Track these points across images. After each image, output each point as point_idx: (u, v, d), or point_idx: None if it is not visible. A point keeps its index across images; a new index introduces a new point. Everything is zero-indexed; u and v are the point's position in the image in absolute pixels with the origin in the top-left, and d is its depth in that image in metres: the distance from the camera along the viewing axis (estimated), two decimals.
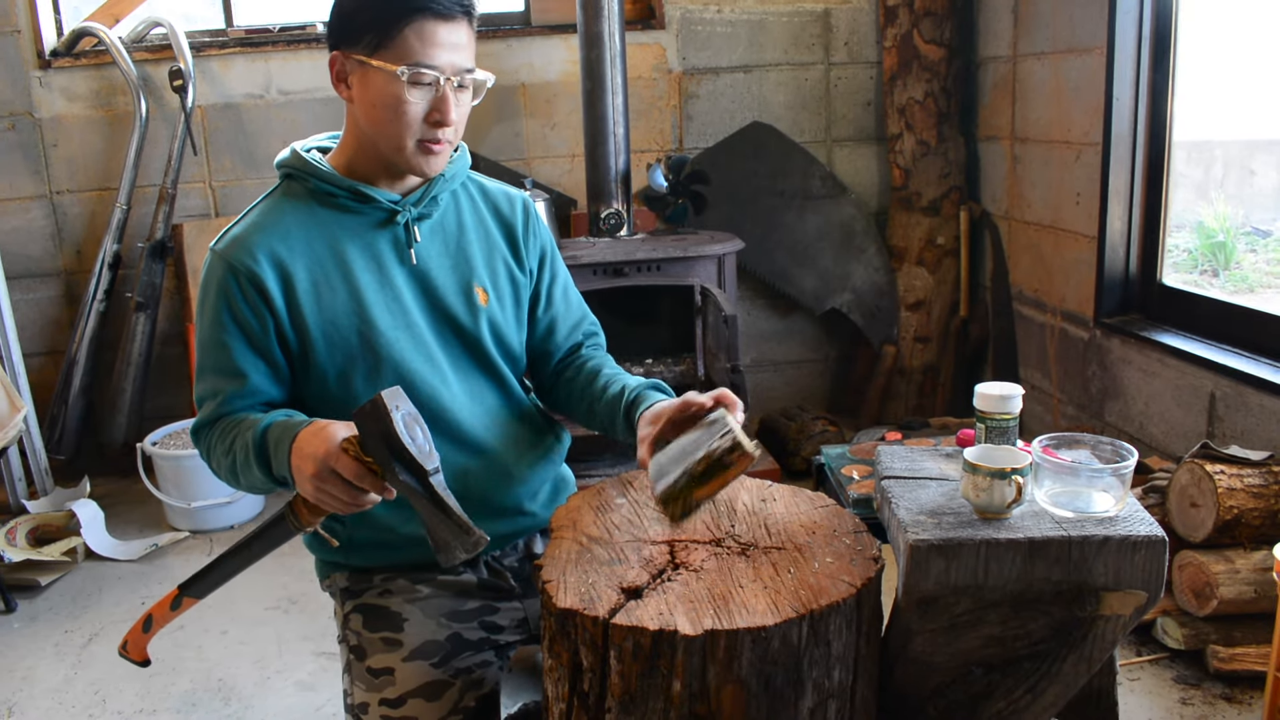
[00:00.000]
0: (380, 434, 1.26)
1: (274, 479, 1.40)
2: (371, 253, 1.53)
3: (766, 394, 3.59)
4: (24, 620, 2.40)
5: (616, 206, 2.96)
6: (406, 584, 1.54)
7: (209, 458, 1.51)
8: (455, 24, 1.43)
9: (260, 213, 1.53)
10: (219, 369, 1.50)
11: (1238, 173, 4.06)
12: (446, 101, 1.44)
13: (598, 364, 1.68)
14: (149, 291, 3.18)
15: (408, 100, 1.42)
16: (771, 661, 1.19)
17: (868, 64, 3.44)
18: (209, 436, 1.50)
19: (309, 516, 1.40)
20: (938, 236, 3.39)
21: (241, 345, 1.49)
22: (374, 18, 1.41)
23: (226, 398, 1.49)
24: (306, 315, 1.49)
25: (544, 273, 1.70)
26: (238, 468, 1.43)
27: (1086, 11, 2.68)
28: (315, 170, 1.51)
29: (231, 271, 1.47)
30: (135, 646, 1.57)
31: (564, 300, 1.73)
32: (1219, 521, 1.93)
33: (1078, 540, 1.24)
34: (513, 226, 1.65)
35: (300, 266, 1.49)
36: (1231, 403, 2.27)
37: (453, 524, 1.29)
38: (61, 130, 3.22)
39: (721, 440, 1.31)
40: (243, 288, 1.47)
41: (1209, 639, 1.98)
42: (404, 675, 1.48)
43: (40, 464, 3.02)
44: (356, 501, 1.31)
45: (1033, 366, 3.15)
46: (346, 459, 1.28)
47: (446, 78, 1.43)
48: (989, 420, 1.43)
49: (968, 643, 1.31)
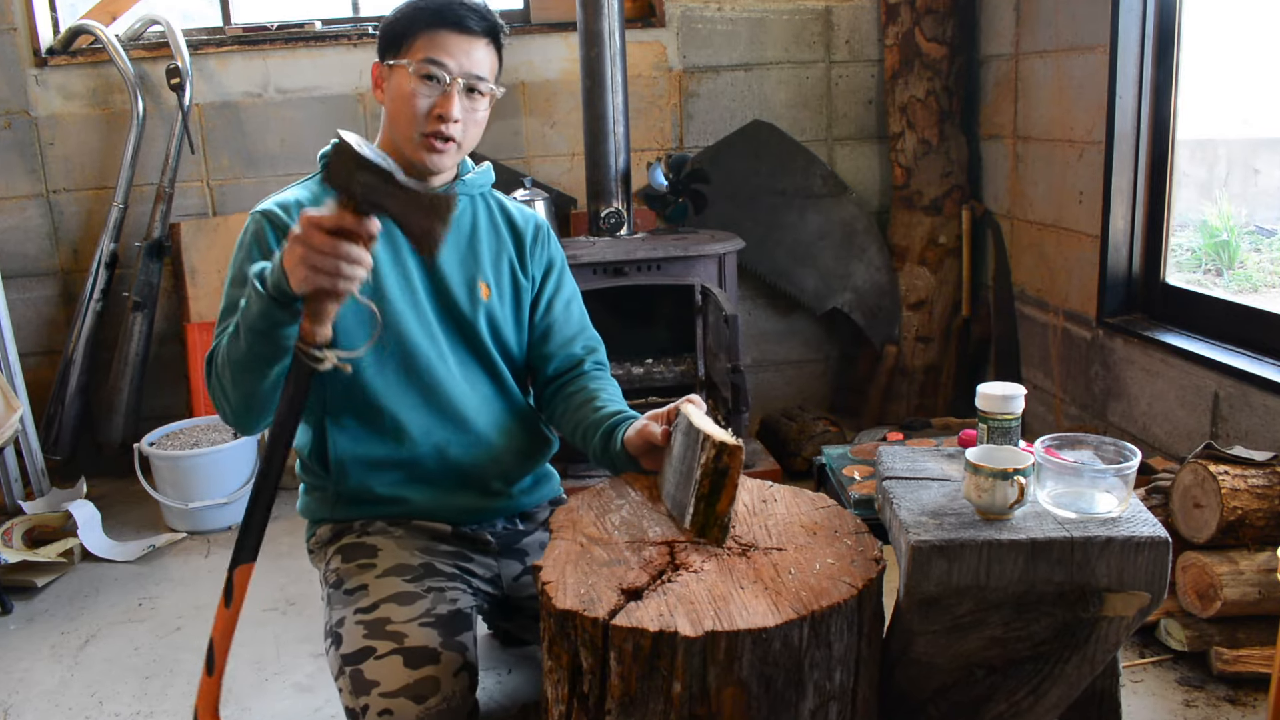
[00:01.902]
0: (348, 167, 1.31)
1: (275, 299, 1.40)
2: (392, 238, 1.63)
3: (767, 394, 3.57)
4: (20, 622, 2.39)
5: (616, 205, 2.95)
6: (384, 525, 1.64)
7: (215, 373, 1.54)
8: (474, 39, 1.59)
9: (303, 188, 1.67)
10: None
11: (1241, 172, 4.05)
12: (451, 100, 1.57)
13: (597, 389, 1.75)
14: (146, 291, 3.17)
15: (417, 93, 1.57)
16: (772, 663, 1.18)
17: (869, 62, 3.43)
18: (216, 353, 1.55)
19: (314, 329, 1.39)
20: (939, 236, 3.38)
21: None
22: (402, 28, 1.60)
23: None
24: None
25: (547, 282, 1.80)
26: (241, 334, 1.44)
27: (1089, 9, 2.67)
28: None
29: (271, 224, 1.58)
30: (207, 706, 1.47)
31: (564, 312, 1.81)
32: (1222, 522, 1.92)
33: (1080, 541, 1.23)
34: (523, 236, 1.77)
35: None
36: (1235, 403, 2.26)
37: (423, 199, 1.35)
38: (58, 129, 3.21)
39: (705, 450, 1.32)
40: (279, 240, 1.56)
41: (1212, 640, 1.97)
42: (377, 588, 1.55)
43: (37, 464, 3.01)
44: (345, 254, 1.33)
45: (1035, 366, 3.14)
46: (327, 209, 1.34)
47: (454, 78, 1.57)
48: (991, 420, 1.42)
49: (970, 644, 1.30)
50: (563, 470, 2.94)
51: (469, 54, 1.59)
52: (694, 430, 1.38)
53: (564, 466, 2.95)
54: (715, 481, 1.32)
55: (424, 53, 1.57)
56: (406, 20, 1.60)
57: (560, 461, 2.92)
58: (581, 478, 2.93)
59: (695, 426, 1.38)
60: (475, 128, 1.64)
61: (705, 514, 1.34)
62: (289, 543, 2.75)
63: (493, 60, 1.64)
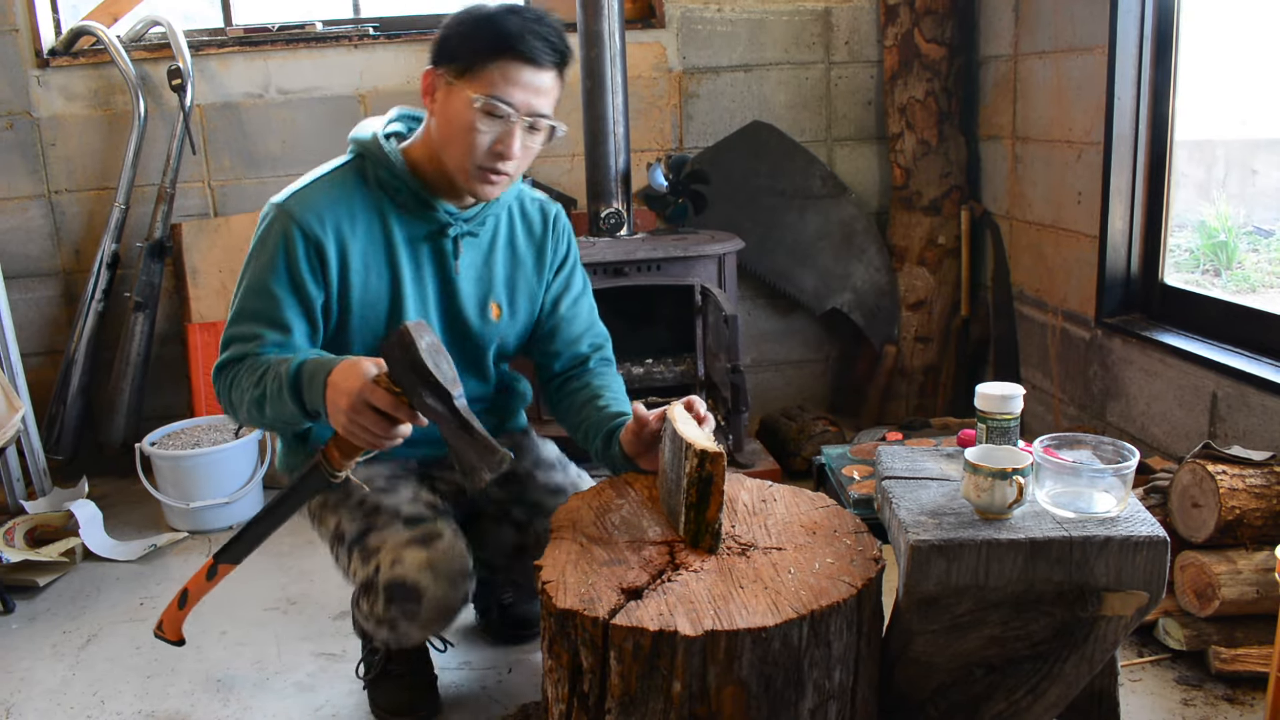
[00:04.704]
0: (407, 362, 1.34)
1: (306, 412, 1.47)
2: (417, 254, 1.66)
3: (767, 394, 3.58)
4: (22, 621, 2.40)
5: (616, 206, 2.95)
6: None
7: (229, 389, 1.58)
8: (542, 71, 1.54)
9: (331, 184, 1.63)
10: (264, 317, 1.58)
11: (1240, 172, 4.06)
12: (513, 137, 1.54)
13: (600, 387, 1.79)
14: (147, 291, 3.18)
15: (478, 128, 1.53)
16: (772, 662, 1.18)
17: (868, 63, 3.44)
18: (234, 370, 1.57)
19: (341, 460, 1.48)
20: (939, 236, 3.38)
21: (292, 301, 1.59)
22: (470, 46, 1.52)
23: (265, 344, 1.57)
24: (353, 294, 1.62)
25: (556, 281, 1.82)
26: (266, 399, 1.50)
27: (1088, 10, 2.67)
28: (389, 165, 1.62)
29: (301, 231, 1.57)
30: (171, 626, 1.63)
31: (572, 309, 1.84)
32: (1221, 522, 1.92)
33: (1079, 541, 1.24)
34: (543, 247, 1.79)
35: (357, 247, 1.62)
36: (1233, 403, 2.27)
37: (478, 444, 1.37)
38: (60, 129, 3.22)
39: (689, 459, 1.33)
40: (306, 250, 1.57)
41: (1211, 640, 1.97)
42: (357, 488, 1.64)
43: (38, 464, 3.02)
44: (388, 434, 1.40)
45: (1034, 366, 3.14)
46: (380, 391, 1.36)
47: (519, 116, 1.53)
48: (990, 420, 1.43)
49: (969, 643, 1.31)
50: None
51: (536, 90, 1.52)
52: (678, 439, 1.38)
53: None
54: (702, 490, 1.33)
55: (490, 89, 1.50)
56: (476, 41, 1.52)
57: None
58: None
59: (679, 435, 1.38)
60: (528, 158, 1.61)
61: (697, 521, 1.35)
62: (290, 543, 2.76)
63: (557, 90, 1.58)
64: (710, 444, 1.33)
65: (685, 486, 1.33)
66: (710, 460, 1.32)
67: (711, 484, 1.32)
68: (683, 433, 1.38)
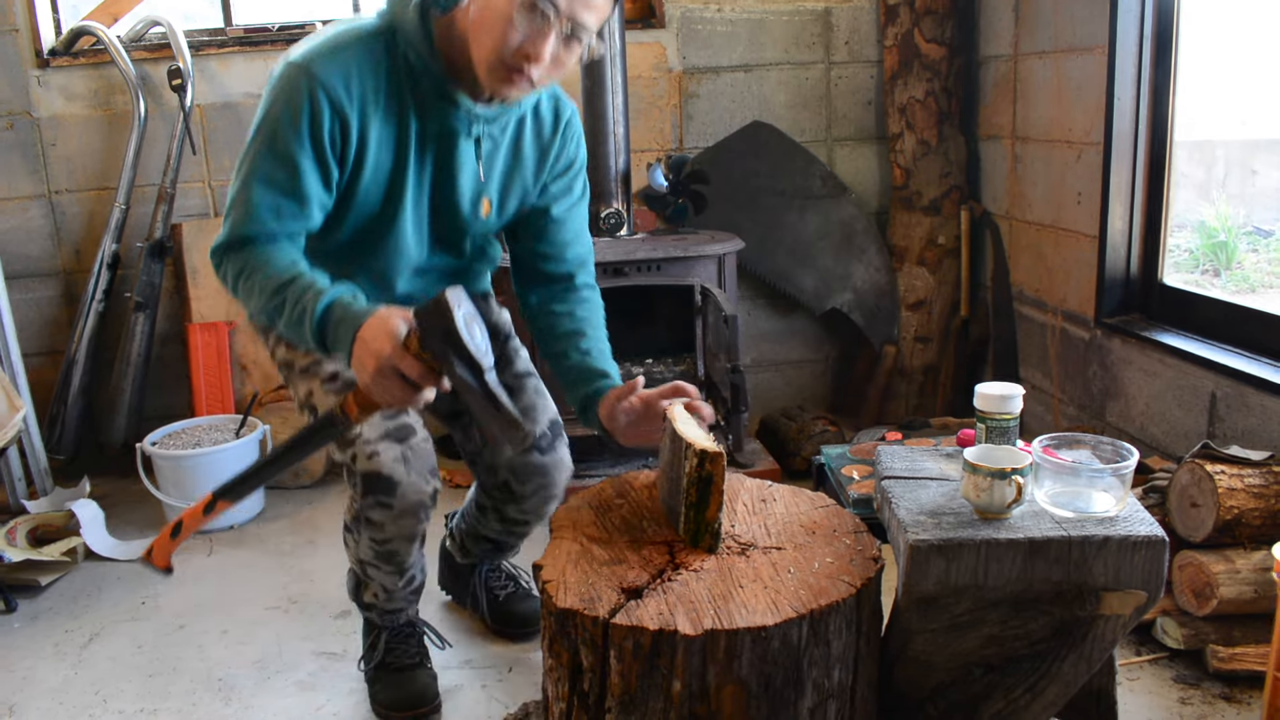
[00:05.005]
0: (441, 330, 1.31)
1: (326, 351, 1.44)
2: (425, 145, 1.58)
3: (766, 394, 3.58)
4: (24, 620, 2.40)
5: (616, 206, 2.95)
6: None
7: (239, 277, 1.52)
8: None
9: (359, 50, 1.50)
10: (282, 185, 1.49)
11: (1239, 172, 4.05)
12: (546, 39, 1.41)
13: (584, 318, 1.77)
14: (148, 291, 3.18)
15: (514, 22, 1.40)
16: (771, 661, 1.19)
17: (868, 63, 3.44)
18: (247, 257, 1.50)
19: (359, 414, 1.45)
20: (938, 236, 3.39)
21: (313, 169, 1.50)
22: None
23: (283, 217, 1.49)
24: (363, 177, 1.55)
25: (557, 184, 1.76)
26: (282, 316, 1.46)
27: (1088, 10, 2.68)
28: (419, 47, 1.50)
29: (327, 98, 1.45)
30: (160, 554, 1.63)
31: (566, 214, 1.78)
32: (1219, 521, 1.93)
33: (1078, 540, 1.24)
34: (548, 149, 1.72)
35: (376, 129, 1.53)
36: (1232, 403, 2.27)
37: (503, 419, 1.35)
38: (60, 129, 3.22)
39: (689, 459, 1.33)
40: (331, 121, 1.47)
41: (1208, 639, 1.98)
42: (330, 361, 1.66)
43: (40, 464, 3.02)
44: (412, 399, 1.36)
45: (1033, 366, 3.15)
46: (409, 359, 1.32)
47: (560, 17, 1.40)
48: (989, 420, 1.43)
49: (968, 643, 1.31)
50: None
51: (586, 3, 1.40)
52: (679, 439, 1.38)
53: None
54: (701, 489, 1.33)
55: None
56: None
57: None
58: (581, 477, 2.93)
59: (679, 435, 1.38)
60: (558, 73, 1.50)
61: (696, 521, 1.35)
62: (291, 542, 2.76)
63: (607, 10, 1.46)
64: (710, 444, 1.34)
65: (685, 486, 1.34)
66: (710, 460, 1.32)
67: (711, 484, 1.33)
68: (683, 433, 1.38)
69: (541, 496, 1.89)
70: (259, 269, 1.49)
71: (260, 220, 1.50)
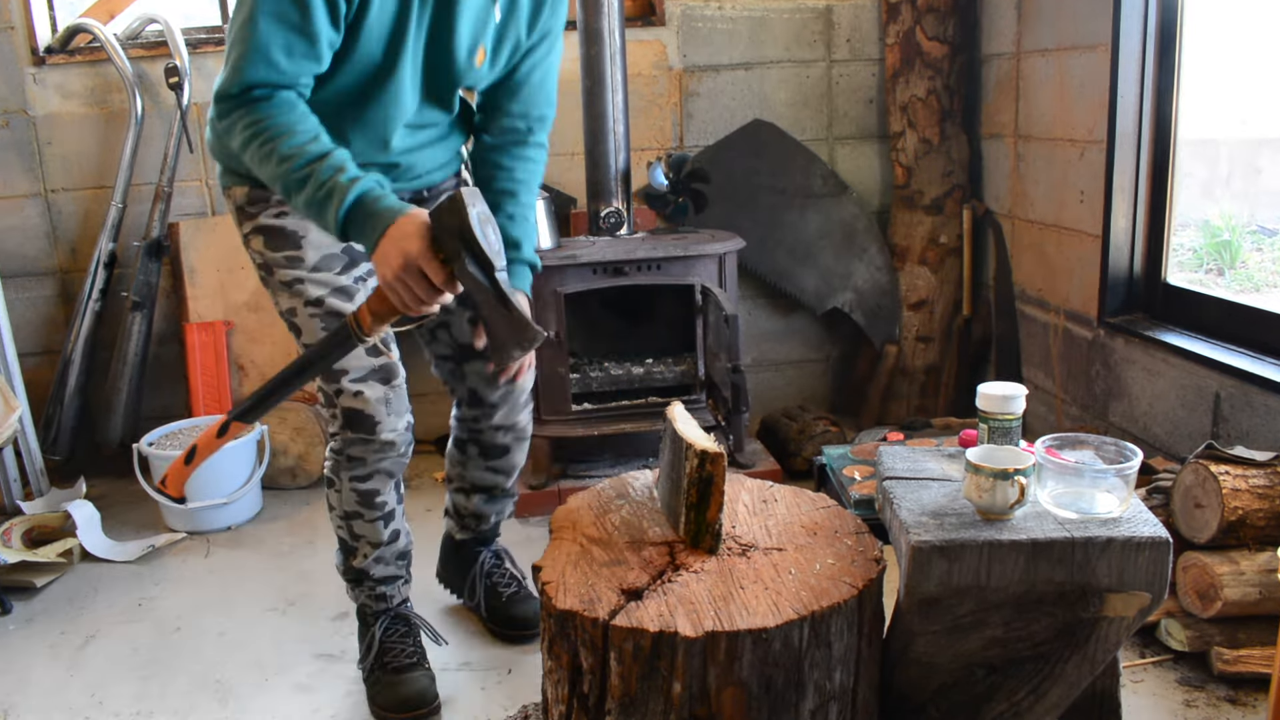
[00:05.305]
0: (456, 228, 1.34)
1: (344, 237, 1.46)
2: None
3: (767, 394, 3.57)
4: (19, 622, 2.39)
5: (616, 205, 2.94)
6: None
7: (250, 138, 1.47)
8: None
9: None
10: (291, 21, 1.43)
11: (1243, 171, 4.04)
12: None
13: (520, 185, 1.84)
14: (145, 291, 3.17)
15: None
16: (772, 663, 1.17)
17: (870, 61, 3.43)
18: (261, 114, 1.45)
19: (372, 324, 1.47)
20: (940, 235, 3.37)
21: (323, 3, 1.44)
22: None
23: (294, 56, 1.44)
24: (367, 18, 1.51)
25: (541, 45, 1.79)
26: (305, 196, 1.44)
27: (1091, 7, 2.66)
28: None
29: None
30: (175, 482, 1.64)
31: (539, 74, 1.82)
32: (1223, 522, 1.91)
33: (1081, 541, 1.23)
34: (541, 4, 1.75)
35: None
36: (1237, 403, 2.26)
37: (513, 319, 1.38)
38: (56, 128, 3.21)
39: (689, 460, 1.32)
40: None
41: (1213, 641, 1.96)
42: (314, 283, 1.68)
43: (36, 464, 3.01)
44: (430, 300, 1.40)
45: (1036, 366, 3.13)
46: (435, 264, 1.36)
47: None
48: (992, 420, 1.42)
49: (970, 644, 1.30)
50: (562, 470, 2.94)
51: None
52: (679, 439, 1.37)
53: (563, 467, 2.95)
54: (702, 490, 1.32)
55: None
56: None
57: (560, 463, 2.92)
58: (581, 477, 2.92)
59: (680, 435, 1.37)
60: None
61: (697, 522, 1.34)
62: (290, 543, 2.75)
63: None
64: (711, 444, 1.33)
65: (685, 487, 1.33)
66: (710, 460, 1.31)
67: (712, 484, 1.32)
68: (683, 433, 1.37)
69: (510, 404, 1.99)
70: (278, 135, 1.44)
71: (271, 60, 1.44)
